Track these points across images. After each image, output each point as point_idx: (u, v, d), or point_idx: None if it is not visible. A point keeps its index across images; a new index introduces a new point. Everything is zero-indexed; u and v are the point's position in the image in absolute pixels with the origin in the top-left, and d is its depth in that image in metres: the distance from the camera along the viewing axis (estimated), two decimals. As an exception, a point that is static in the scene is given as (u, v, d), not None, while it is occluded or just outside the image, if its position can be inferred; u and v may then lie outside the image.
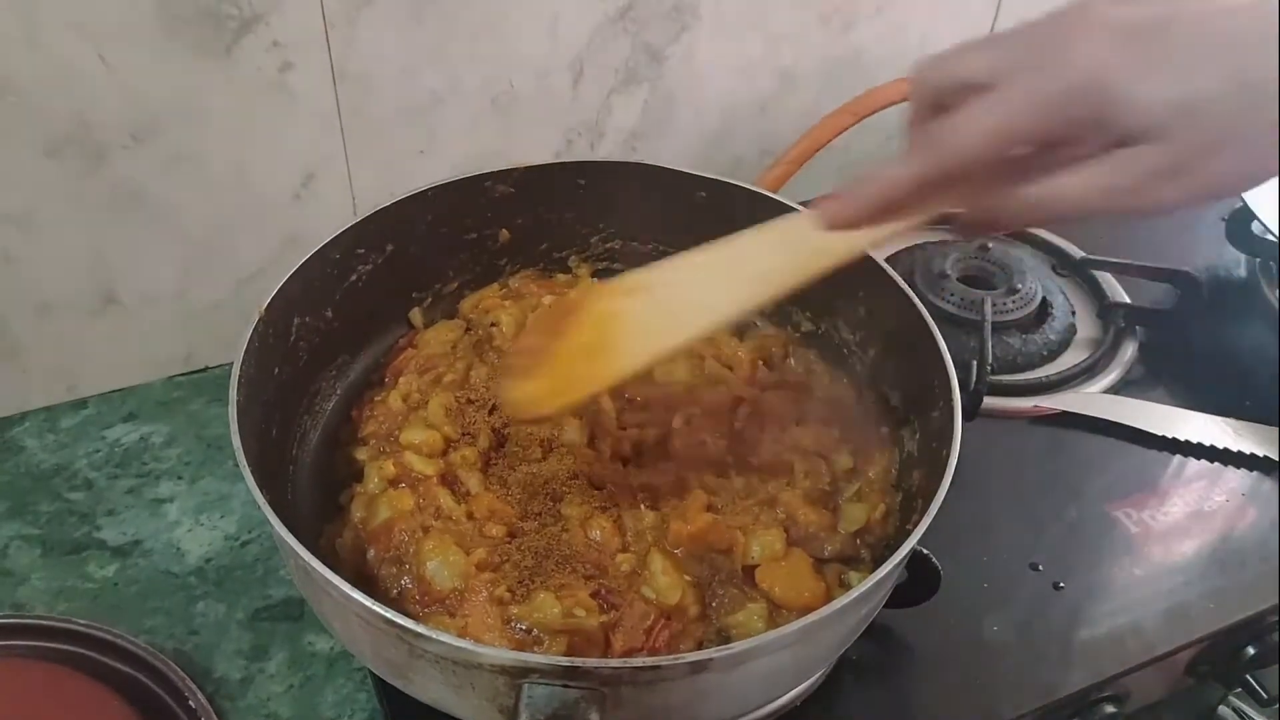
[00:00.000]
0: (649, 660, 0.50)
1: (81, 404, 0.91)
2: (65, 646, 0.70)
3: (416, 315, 0.85)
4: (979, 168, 0.52)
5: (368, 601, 0.52)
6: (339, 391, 0.80)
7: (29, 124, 0.76)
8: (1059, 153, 0.52)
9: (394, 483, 0.70)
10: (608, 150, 1.01)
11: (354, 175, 0.90)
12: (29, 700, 0.67)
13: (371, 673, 0.71)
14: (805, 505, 0.70)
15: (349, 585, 0.52)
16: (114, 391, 0.92)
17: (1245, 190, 0.52)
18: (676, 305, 0.64)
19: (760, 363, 0.83)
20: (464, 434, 0.74)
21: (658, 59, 0.97)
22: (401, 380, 0.79)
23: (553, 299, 0.84)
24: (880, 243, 0.60)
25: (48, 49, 0.73)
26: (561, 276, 0.89)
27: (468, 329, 0.85)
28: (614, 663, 0.51)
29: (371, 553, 0.67)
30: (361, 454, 0.74)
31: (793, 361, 0.84)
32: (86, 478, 0.85)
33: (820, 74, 1.06)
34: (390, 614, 0.51)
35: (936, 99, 0.54)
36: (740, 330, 0.86)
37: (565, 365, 0.66)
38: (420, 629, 0.51)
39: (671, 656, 0.50)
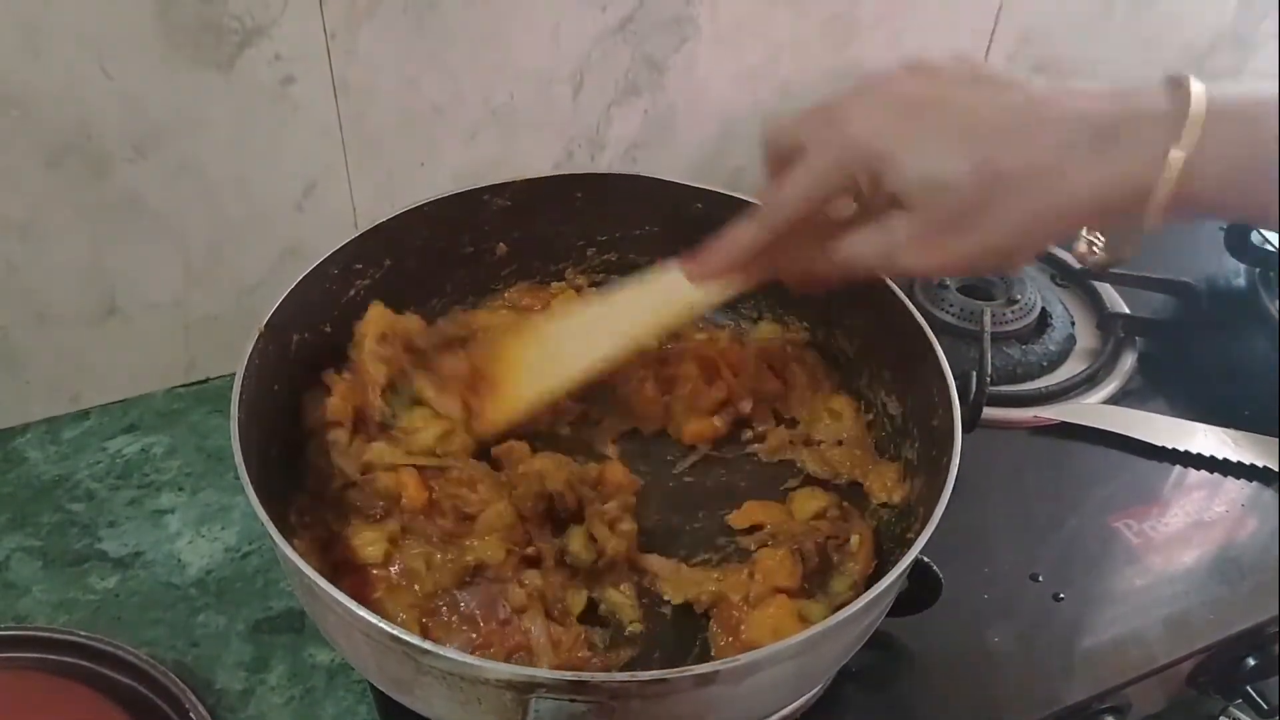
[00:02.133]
0: (656, 673, 0.50)
1: (83, 415, 0.91)
2: (66, 658, 0.70)
3: None
4: (801, 225, 0.61)
5: (374, 619, 0.51)
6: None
7: (31, 135, 0.76)
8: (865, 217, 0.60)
9: None
10: (608, 161, 1.01)
11: (355, 186, 0.90)
12: (30, 712, 0.67)
13: (372, 686, 0.71)
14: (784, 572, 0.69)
15: (354, 602, 0.52)
16: (115, 402, 0.92)
17: (1001, 271, 0.58)
18: (560, 350, 0.74)
19: (767, 368, 0.83)
20: None
21: (658, 70, 0.97)
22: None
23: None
24: (727, 296, 0.70)
25: (50, 61, 0.73)
26: (556, 285, 0.89)
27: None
28: (621, 676, 0.51)
29: None
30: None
31: (796, 366, 0.84)
32: (88, 489, 0.85)
33: (821, 84, 1.06)
34: (398, 631, 0.51)
35: (777, 157, 0.63)
36: (741, 336, 0.86)
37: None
38: (428, 645, 0.50)
39: (679, 670, 0.51)
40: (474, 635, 0.63)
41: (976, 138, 0.53)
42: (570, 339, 0.74)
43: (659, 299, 0.71)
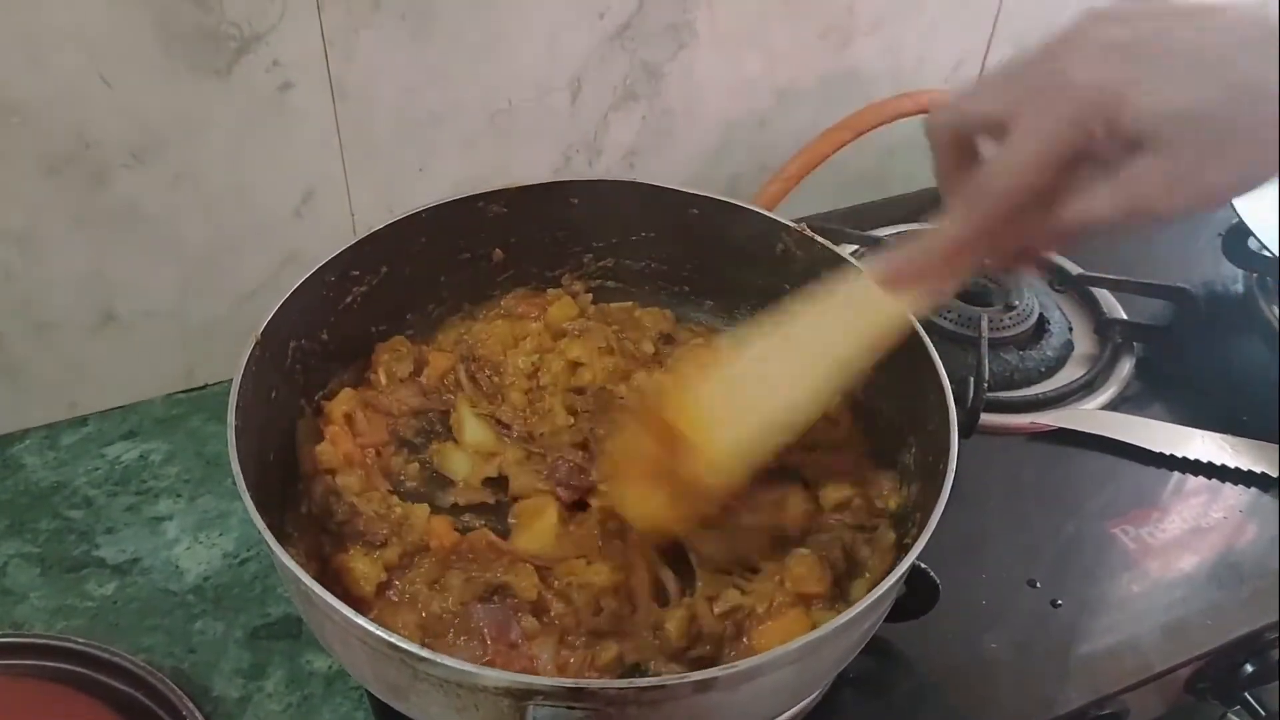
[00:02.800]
0: (654, 680, 0.51)
1: (81, 421, 0.91)
2: (64, 665, 0.70)
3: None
4: (1021, 204, 0.55)
5: (371, 626, 0.52)
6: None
7: (30, 143, 0.76)
8: (1079, 174, 0.54)
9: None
10: (606, 167, 1.01)
11: (353, 193, 0.90)
12: (27, 719, 0.67)
13: (369, 693, 0.71)
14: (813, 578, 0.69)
15: (352, 610, 0.52)
16: (114, 409, 0.92)
17: (1245, 192, 0.54)
18: (756, 391, 0.65)
19: None
20: None
21: (656, 76, 0.98)
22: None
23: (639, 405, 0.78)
24: (935, 306, 0.63)
25: (49, 69, 0.73)
26: (552, 291, 0.89)
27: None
28: (619, 683, 0.51)
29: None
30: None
31: None
32: (86, 495, 0.85)
33: (818, 90, 1.07)
34: (394, 638, 0.51)
35: (955, 141, 0.58)
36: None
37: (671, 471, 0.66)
38: (425, 653, 0.51)
39: (677, 676, 0.51)
40: (480, 653, 0.63)
41: (1214, 60, 0.51)
42: (763, 377, 0.66)
43: (856, 315, 0.64)
